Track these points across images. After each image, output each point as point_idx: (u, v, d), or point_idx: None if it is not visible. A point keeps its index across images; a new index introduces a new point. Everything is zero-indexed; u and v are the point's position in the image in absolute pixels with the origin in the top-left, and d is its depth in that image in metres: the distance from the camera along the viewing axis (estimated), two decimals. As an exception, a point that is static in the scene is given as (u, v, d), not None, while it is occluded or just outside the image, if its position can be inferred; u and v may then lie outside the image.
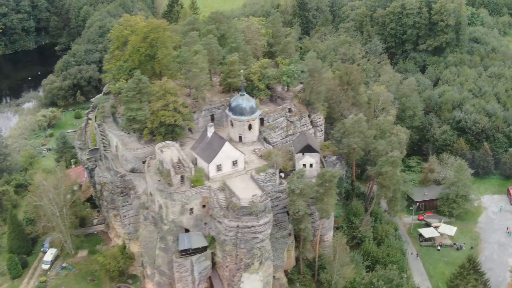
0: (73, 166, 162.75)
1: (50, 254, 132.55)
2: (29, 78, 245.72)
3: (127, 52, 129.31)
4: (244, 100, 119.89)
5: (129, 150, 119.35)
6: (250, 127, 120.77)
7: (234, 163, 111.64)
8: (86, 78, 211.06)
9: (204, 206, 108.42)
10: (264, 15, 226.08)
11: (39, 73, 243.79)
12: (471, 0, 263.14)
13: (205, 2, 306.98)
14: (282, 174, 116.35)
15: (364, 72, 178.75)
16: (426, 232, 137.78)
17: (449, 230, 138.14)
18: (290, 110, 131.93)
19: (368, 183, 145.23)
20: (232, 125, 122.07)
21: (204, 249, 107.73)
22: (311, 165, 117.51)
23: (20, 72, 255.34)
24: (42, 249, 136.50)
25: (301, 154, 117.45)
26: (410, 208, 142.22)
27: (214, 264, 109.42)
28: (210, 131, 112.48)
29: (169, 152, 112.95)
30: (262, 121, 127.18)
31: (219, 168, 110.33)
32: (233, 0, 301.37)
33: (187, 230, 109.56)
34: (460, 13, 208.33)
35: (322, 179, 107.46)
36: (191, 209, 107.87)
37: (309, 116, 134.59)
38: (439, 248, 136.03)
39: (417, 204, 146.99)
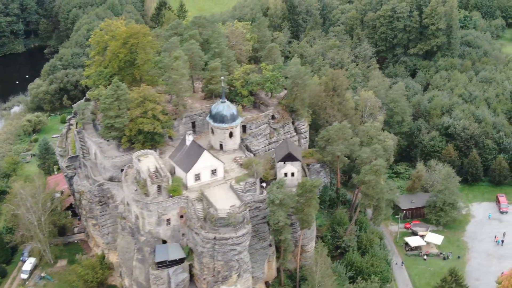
0: (55, 172, 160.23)
1: (29, 263, 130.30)
2: (17, 82, 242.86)
3: (107, 57, 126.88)
4: (225, 107, 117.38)
5: (107, 158, 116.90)
6: (231, 134, 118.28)
7: (213, 172, 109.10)
8: (73, 82, 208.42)
9: (181, 216, 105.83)
10: (254, 18, 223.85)
11: (27, 76, 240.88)
12: (464, 3, 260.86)
13: (196, 5, 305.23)
14: (264, 184, 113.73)
15: (352, 77, 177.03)
16: (412, 241, 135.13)
17: (436, 239, 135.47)
18: (273, 117, 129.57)
19: (354, 190, 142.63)
20: (212, 132, 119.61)
21: (181, 260, 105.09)
22: (292, 174, 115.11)
23: (8, 76, 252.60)
24: (21, 258, 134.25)
25: (282, 162, 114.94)
26: (396, 216, 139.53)
27: (192, 276, 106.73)
28: (189, 140, 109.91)
29: (147, 160, 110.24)
30: (244, 128, 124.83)
31: (197, 177, 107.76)
32: (225, 2, 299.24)
33: (164, 241, 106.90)
34: (451, 16, 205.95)
35: (302, 189, 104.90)
36: (168, 220, 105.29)
37: (293, 123, 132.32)
38: (425, 257, 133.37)
39: (404, 212, 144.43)
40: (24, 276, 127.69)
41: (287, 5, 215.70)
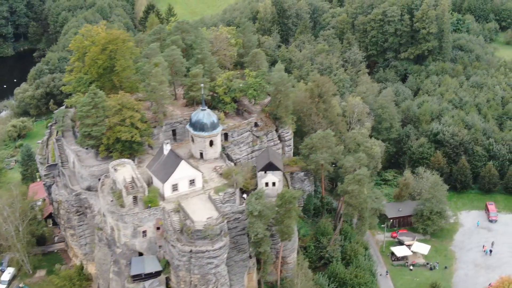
0: (38, 180, 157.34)
1: (7, 273, 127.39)
2: (5, 86, 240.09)
3: (86, 64, 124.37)
4: (205, 115, 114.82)
5: (85, 167, 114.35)
6: (211, 143, 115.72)
7: (191, 182, 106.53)
8: (59, 87, 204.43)
9: (158, 228, 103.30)
10: (243, 21, 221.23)
11: (15, 80, 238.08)
12: (457, 6, 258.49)
13: (188, 8, 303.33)
14: (245, 195, 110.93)
15: (340, 82, 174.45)
16: (398, 250, 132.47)
17: (423, 248, 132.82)
18: (256, 125, 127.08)
19: (340, 198, 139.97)
20: (193, 141, 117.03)
21: (157, 273, 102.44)
22: (274, 184, 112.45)
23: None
24: (0, 268, 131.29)
25: (263, 172, 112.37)
26: (382, 225, 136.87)
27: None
28: (166, 149, 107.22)
29: (124, 170, 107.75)
30: (226, 136, 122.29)
31: (175, 188, 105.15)
32: (217, 5, 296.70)
33: (141, 254, 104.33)
34: (443, 20, 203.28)
35: (282, 200, 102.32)
36: (144, 232, 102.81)
37: (276, 130, 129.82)
38: (411, 267, 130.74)
39: (391, 220, 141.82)
40: (2, 286, 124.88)
41: (277, 8, 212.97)
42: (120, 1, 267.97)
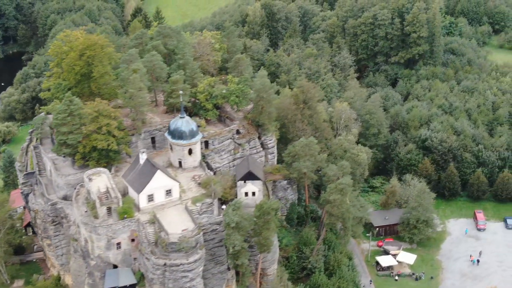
0: (20, 187, 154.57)
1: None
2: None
3: (64, 70, 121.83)
4: (184, 123, 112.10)
5: (61, 175, 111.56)
6: (190, 151, 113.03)
7: (168, 192, 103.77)
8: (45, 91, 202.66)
9: (133, 240, 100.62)
10: (233, 25, 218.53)
11: (2, 84, 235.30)
12: (450, 9, 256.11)
13: (179, 10, 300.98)
14: (224, 207, 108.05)
15: (328, 87, 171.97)
16: (384, 260, 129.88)
17: (408, 258, 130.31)
18: (238, 132, 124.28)
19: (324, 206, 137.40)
20: (171, 149, 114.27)
21: (132, 286, 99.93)
22: (253, 194, 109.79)
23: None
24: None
25: (243, 181, 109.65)
26: (368, 234, 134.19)
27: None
28: (142, 158, 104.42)
29: (99, 180, 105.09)
30: (207, 144, 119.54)
31: (150, 198, 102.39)
32: (208, 8, 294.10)
33: (115, 266, 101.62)
34: (434, 24, 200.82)
35: (260, 211, 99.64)
36: (119, 244, 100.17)
37: (259, 137, 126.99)
38: (396, 278, 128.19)
39: (377, 229, 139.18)
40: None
41: (266, 12, 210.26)
42: (110, 4, 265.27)
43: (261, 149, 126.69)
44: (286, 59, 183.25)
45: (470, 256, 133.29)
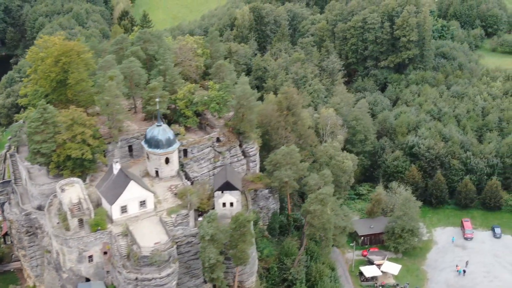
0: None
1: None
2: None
3: (39, 76, 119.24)
4: (160, 131, 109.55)
5: (35, 185, 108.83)
6: (167, 160, 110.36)
7: (142, 203, 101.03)
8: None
9: (105, 253, 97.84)
10: (221, 28, 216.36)
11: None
12: (443, 12, 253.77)
13: (170, 13, 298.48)
14: (201, 219, 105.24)
15: (315, 92, 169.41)
16: (368, 270, 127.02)
17: (393, 268, 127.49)
18: (218, 140, 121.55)
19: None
20: (148, 158, 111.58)
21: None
22: (231, 204, 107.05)
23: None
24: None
25: (220, 192, 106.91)
26: (351, 244, 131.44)
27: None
28: (116, 168, 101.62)
29: (72, 190, 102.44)
30: (185, 152, 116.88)
31: (124, 209, 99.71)
32: (199, 10, 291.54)
33: (88, 279, 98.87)
34: (424, 27, 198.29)
35: (236, 223, 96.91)
36: (91, 257, 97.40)
37: (240, 145, 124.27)
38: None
39: (362, 238, 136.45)
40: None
41: (255, 15, 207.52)
42: (99, 7, 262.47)
43: (243, 157, 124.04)
44: (273, 63, 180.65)
45: (456, 266, 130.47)
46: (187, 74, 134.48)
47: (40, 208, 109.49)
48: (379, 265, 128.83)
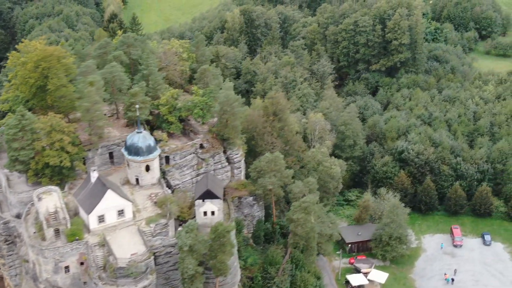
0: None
1: None
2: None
3: (19, 82, 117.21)
4: (140, 138, 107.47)
5: (13, 193, 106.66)
6: (147, 168, 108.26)
7: (120, 213, 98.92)
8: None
9: (82, 263, 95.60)
10: (212, 31, 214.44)
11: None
12: (436, 14, 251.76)
13: (162, 15, 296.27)
14: (180, 228, 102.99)
15: (304, 97, 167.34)
16: (354, 279, 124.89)
17: (380, 277, 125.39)
18: (202, 146, 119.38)
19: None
20: (128, 165, 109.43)
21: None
22: (212, 213, 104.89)
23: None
24: None
25: (201, 200, 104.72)
26: (338, 252, 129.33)
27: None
28: (93, 177, 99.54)
29: (49, 199, 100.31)
30: (167, 159, 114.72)
31: (101, 219, 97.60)
32: (192, 12, 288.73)
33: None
34: (416, 30, 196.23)
35: (215, 234, 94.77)
36: (67, 267, 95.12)
37: (225, 152, 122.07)
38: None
39: (349, 245, 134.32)
40: None
41: (245, 18, 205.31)
42: (89, 9, 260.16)
43: (227, 164, 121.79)
44: (262, 67, 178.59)
45: (445, 274, 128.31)
46: (172, 79, 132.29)
47: (18, 216, 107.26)
48: (366, 274, 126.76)
